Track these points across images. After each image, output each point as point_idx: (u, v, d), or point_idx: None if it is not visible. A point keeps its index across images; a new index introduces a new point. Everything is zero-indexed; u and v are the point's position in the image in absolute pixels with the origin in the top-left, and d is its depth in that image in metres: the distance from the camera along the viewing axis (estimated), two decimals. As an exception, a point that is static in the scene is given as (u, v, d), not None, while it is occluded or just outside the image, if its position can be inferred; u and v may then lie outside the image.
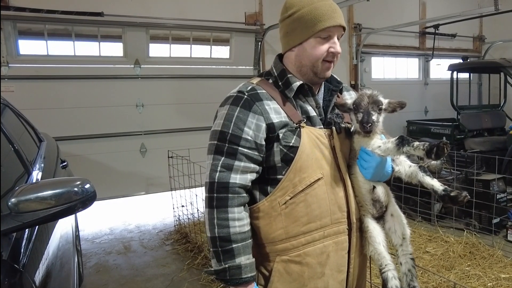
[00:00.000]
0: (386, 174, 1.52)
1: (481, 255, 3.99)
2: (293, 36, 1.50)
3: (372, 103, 1.46)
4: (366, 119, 1.43)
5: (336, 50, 1.47)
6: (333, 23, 1.44)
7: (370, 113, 1.44)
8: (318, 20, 1.43)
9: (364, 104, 1.46)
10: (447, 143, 1.29)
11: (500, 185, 4.75)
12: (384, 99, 1.50)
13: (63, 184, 1.45)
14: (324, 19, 1.43)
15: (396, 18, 7.96)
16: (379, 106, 1.47)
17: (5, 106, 2.69)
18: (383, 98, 1.50)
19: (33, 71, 5.32)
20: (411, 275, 1.51)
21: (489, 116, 7.34)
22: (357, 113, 1.47)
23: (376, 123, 1.45)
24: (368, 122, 1.42)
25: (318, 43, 1.46)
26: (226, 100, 1.49)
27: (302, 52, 1.50)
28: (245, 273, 1.37)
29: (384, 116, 1.50)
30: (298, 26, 1.47)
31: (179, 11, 6.11)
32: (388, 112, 1.50)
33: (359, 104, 1.47)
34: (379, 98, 1.48)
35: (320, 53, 1.47)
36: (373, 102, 1.46)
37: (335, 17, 1.45)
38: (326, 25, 1.43)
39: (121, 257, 4.59)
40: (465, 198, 1.36)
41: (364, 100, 1.46)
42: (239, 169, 1.40)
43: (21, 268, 1.36)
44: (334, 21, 1.44)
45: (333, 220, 1.48)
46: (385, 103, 1.49)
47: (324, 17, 1.43)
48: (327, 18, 1.43)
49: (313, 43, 1.47)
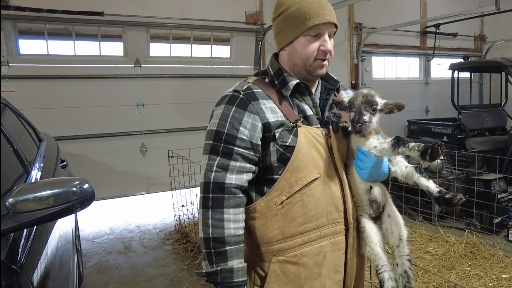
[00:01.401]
0: (382, 175, 1.51)
1: (482, 255, 3.97)
2: (284, 35, 1.49)
3: (365, 103, 1.44)
4: (357, 118, 1.42)
5: (326, 48, 1.45)
6: (322, 20, 1.42)
7: (362, 113, 1.43)
8: (306, 18, 1.41)
9: (357, 103, 1.44)
10: (442, 145, 1.28)
11: (501, 184, 4.74)
12: (381, 100, 1.48)
13: (62, 184, 1.44)
14: (312, 16, 1.41)
15: (397, 17, 7.94)
16: (373, 106, 1.45)
17: (5, 106, 2.69)
18: (379, 99, 1.48)
19: (33, 70, 5.33)
20: (407, 277, 1.49)
21: (490, 115, 7.33)
22: (350, 112, 1.47)
23: (367, 123, 1.43)
24: (359, 122, 1.41)
25: (308, 42, 1.45)
26: (221, 99, 1.48)
27: (293, 51, 1.49)
28: (236, 277, 1.36)
29: (379, 117, 1.48)
30: (288, 25, 1.46)
31: (180, 11, 6.11)
32: (385, 113, 1.49)
33: (352, 103, 1.46)
34: (374, 98, 1.46)
35: (310, 52, 1.45)
36: (367, 102, 1.44)
37: (324, 14, 1.42)
38: (314, 22, 1.41)
39: (121, 257, 4.59)
40: (460, 201, 1.34)
41: (358, 99, 1.45)
42: (235, 169, 1.39)
43: (19, 269, 1.36)
44: (323, 18, 1.42)
45: (330, 220, 1.47)
46: (381, 103, 1.47)
47: (312, 15, 1.41)
48: (315, 15, 1.41)
49: (303, 42, 1.45)
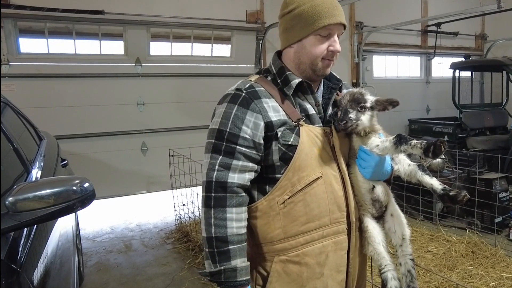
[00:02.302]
0: (385, 173, 1.50)
1: (483, 255, 3.96)
2: (293, 32, 1.48)
3: (351, 101, 1.44)
4: (342, 116, 1.43)
5: (335, 49, 1.45)
6: (334, 20, 1.42)
7: (348, 111, 1.43)
8: (319, 17, 1.41)
9: (343, 102, 1.46)
10: (444, 142, 1.27)
11: (502, 184, 4.73)
12: (372, 97, 1.48)
13: (62, 183, 1.43)
14: (324, 16, 1.41)
15: (397, 16, 7.92)
16: (360, 104, 1.44)
17: (5, 105, 2.68)
18: (370, 96, 1.48)
19: (33, 69, 5.32)
20: (410, 276, 1.49)
21: (491, 114, 7.31)
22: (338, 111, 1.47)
23: (354, 121, 1.43)
24: (343, 120, 1.42)
25: (318, 41, 1.44)
26: (224, 97, 1.48)
27: (301, 49, 1.48)
28: (240, 276, 1.35)
29: (371, 115, 1.47)
30: (298, 23, 1.45)
31: (180, 9, 6.11)
32: (378, 111, 1.48)
33: (340, 102, 1.47)
34: (362, 96, 1.46)
35: (319, 51, 1.45)
36: (353, 100, 1.45)
37: (336, 15, 1.42)
38: (326, 22, 1.41)
39: (122, 256, 4.59)
40: (464, 198, 1.34)
41: (345, 98, 1.46)
42: (237, 168, 1.38)
43: (19, 268, 1.35)
44: (335, 18, 1.42)
45: (332, 219, 1.46)
46: (370, 101, 1.47)
47: (325, 14, 1.41)
48: (328, 15, 1.41)
49: (312, 41, 1.45)
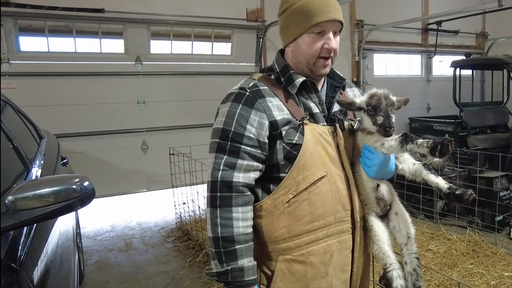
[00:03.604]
0: (389, 172, 1.49)
1: (484, 253, 3.96)
2: (288, 32, 1.47)
3: (390, 105, 1.41)
4: (388, 123, 1.37)
5: (330, 46, 1.42)
6: (326, 18, 1.39)
7: (391, 116, 1.39)
8: (310, 16, 1.39)
9: (383, 106, 1.40)
10: (452, 140, 1.26)
11: (503, 182, 4.73)
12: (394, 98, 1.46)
13: (62, 181, 1.43)
14: (316, 14, 1.38)
15: (398, 14, 7.92)
16: (394, 106, 1.42)
17: (5, 103, 2.67)
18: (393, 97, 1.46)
19: (34, 68, 5.30)
20: (416, 275, 1.47)
21: (492, 113, 7.30)
22: (375, 116, 1.40)
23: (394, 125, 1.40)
24: (391, 126, 1.37)
25: (312, 39, 1.42)
26: (227, 97, 1.46)
27: (297, 48, 1.46)
28: (247, 276, 1.34)
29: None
30: (292, 22, 1.44)
31: (180, 8, 6.09)
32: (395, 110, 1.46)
33: (378, 106, 1.40)
34: (393, 98, 1.44)
35: (314, 50, 1.42)
36: (391, 104, 1.41)
37: (329, 12, 1.39)
38: (318, 20, 1.38)
39: (122, 254, 4.58)
40: (470, 196, 1.33)
41: (383, 102, 1.40)
42: (242, 168, 1.37)
43: (18, 267, 1.34)
44: (327, 15, 1.39)
45: (337, 218, 1.45)
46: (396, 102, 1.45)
47: (316, 12, 1.38)
48: (320, 12, 1.38)
49: (306, 39, 1.42)
